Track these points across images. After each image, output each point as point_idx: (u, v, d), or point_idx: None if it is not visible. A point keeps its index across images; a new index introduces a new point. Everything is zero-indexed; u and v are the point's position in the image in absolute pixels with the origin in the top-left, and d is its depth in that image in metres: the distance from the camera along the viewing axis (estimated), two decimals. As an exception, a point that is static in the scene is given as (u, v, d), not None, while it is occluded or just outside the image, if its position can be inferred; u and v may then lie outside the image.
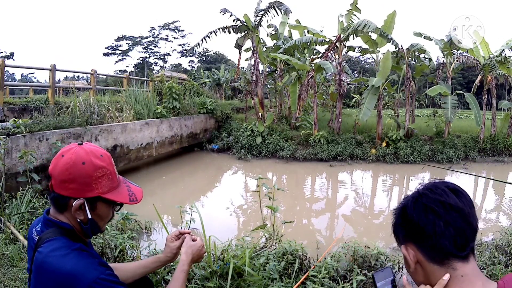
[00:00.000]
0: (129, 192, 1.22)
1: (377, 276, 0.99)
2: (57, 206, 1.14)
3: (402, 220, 0.89)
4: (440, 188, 0.85)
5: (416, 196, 0.87)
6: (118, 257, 2.96)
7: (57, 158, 1.13)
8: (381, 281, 0.98)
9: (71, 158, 1.11)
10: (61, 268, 1.01)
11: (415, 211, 0.85)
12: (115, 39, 53.40)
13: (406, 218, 0.87)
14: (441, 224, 0.81)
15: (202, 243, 1.50)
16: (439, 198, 0.83)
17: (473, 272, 0.83)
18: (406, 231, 0.88)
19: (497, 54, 11.02)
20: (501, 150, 11.30)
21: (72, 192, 1.10)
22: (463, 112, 24.14)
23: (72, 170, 1.09)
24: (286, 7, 11.18)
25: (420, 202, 0.85)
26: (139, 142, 8.58)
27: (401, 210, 0.90)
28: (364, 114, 10.51)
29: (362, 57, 41.16)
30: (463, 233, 0.81)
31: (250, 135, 11.60)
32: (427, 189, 0.86)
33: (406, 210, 0.88)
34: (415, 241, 0.86)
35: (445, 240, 0.81)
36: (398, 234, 0.92)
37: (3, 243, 3.15)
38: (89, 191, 1.11)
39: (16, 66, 14.04)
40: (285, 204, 6.53)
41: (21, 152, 4.52)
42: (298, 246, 2.88)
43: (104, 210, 1.18)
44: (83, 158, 1.11)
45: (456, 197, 0.83)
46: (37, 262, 1.06)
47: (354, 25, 10.56)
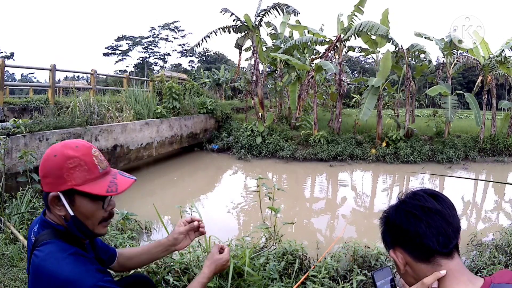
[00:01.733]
0: (111, 183, 1.12)
1: (377, 275, 1.01)
2: (46, 205, 1.11)
3: (387, 226, 0.98)
4: (419, 194, 0.94)
5: (397, 204, 0.96)
6: (118, 257, 2.95)
7: (42, 158, 1.12)
8: (380, 280, 1.01)
9: (46, 153, 1.08)
10: (58, 274, 0.98)
11: (397, 217, 0.93)
12: (115, 39, 53.45)
13: (390, 224, 0.96)
14: (423, 226, 0.88)
15: (228, 258, 1.46)
16: (418, 203, 0.91)
17: (457, 268, 0.89)
18: (392, 236, 0.96)
19: (497, 54, 11.02)
20: (501, 150, 11.30)
21: (49, 187, 1.06)
22: (463, 112, 24.15)
23: (46, 164, 1.07)
24: (293, 8, 11.19)
25: (401, 209, 0.93)
26: (139, 142, 8.58)
27: (385, 218, 0.99)
28: (364, 114, 10.51)
29: (362, 57, 41.14)
30: (445, 232, 0.88)
31: (250, 135, 11.59)
32: (407, 197, 0.95)
33: (389, 217, 0.97)
34: (401, 244, 0.93)
35: (428, 240, 0.88)
36: (386, 240, 1.00)
37: (3, 243, 3.15)
38: (62, 184, 1.05)
39: (16, 66, 14.04)
40: (285, 204, 6.53)
41: (21, 152, 4.52)
42: (298, 246, 2.87)
43: (86, 206, 1.09)
44: (56, 151, 1.07)
45: (435, 201, 0.91)
46: (34, 265, 1.04)
47: (357, 25, 10.54)
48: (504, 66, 10.98)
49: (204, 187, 8.28)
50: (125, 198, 5.92)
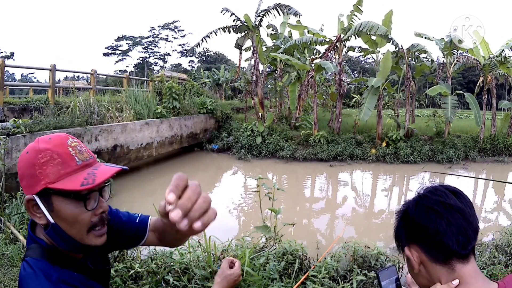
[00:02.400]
0: (88, 175, 0.88)
1: (382, 274, 0.99)
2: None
3: (404, 222, 0.92)
4: (440, 190, 0.88)
5: (417, 198, 0.90)
6: (118, 257, 2.95)
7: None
8: (385, 279, 0.99)
9: (22, 152, 0.90)
10: None
11: (417, 212, 0.87)
12: (115, 39, 53.46)
13: (409, 220, 0.90)
14: (443, 223, 0.83)
15: (239, 273, 1.37)
16: (440, 199, 0.86)
17: (472, 273, 0.85)
18: (409, 233, 0.90)
19: (497, 54, 11.02)
20: (501, 150, 11.30)
21: (26, 191, 0.88)
22: (463, 112, 24.15)
23: (20, 165, 0.89)
24: (295, 10, 11.19)
25: (421, 204, 0.88)
26: (139, 142, 8.58)
27: (403, 212, 0.93)
28: (364, 114, 10.51)
29: (362, 57, 41.14)
30: (465, 232, 0.84)
31: (250, 135, 11.59)
32: (428, 191, 0.89)
33: (408, 212, 0.90)
34: (418, 241, 0.88)
35: (448, 239, 0.83)
36: (400, 237, 0.94)
37: (3, 243, 3.15)
38: (36, 184, 0.86)
39: (16, 66, 14.04)
40: (285, 204, 6.53)
41: (21, 152, 4.52)
42: (298, 246, 2.87)
43: (66, 209, 0.87)
44: (28, 147, 0.89)
45: (456, 198, 0.86)
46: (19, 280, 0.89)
47: (357, 26, 10.54)
48: (504, 66, 10.98)
49: (204, 187, 8.22)
50: (125, 198, 5.92)
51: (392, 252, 3.91)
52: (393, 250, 4.22)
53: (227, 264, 1.37)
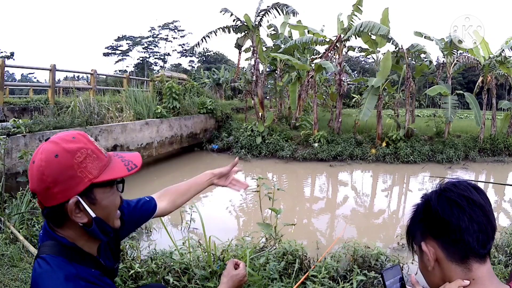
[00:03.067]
0: (124, 161, 0.98)
1: (386, 274, 0.98)
2: (55, 222, 0.94)
3: (424, 214, 0.87)
4: (463, 184, 0.86)
5: (439, 191, 0.87)
6: (118, 257, 2.96)
7: (30, 169, 0.91)
8: (390, 279, 0.98)
9: (41, 158, 0.88)
10: None
11: (440, 205, 0.84)
12: (115, 39, 53.47)
13: (430, 212, 0.86)
14: (465, 219, 0.80)
15: (244, 273, 1.41)
16: (463, 193, 0.83)
17: (487, 275, 0.82)
18: (428, 227, 0.86)
19: (497, 54, 11.02)
20: (501, 150, 11.30)
21: (62, 196, 0.88)
22: (463, 112, 24.14)
23: (48, 171, 0.87)
24: (292, 9, 11.20)
25: (444, 196, 0.84)
26: (139, 142, 8.58)
27: (424, 204, 0.88)
28: (364, 114, 10.51)
29: (362, 57, 41.15)
30: (485, 230, 0.81)
31: (250, 135, 11.60)
32: (450, 185, 0.86)
33: (430, 204, 0.86)
34: (437, 237, 0.84)
35: (469, 236, 0.80)
36: (415, 231, 0.90)
37: (3, 243, 3.15)
38: (79, 184, 0.89)
39: (16, 66, 14.04)
40: (285, 204, 6.53)
41: (21, 152, 4.52)
42: (298, 246, 2.87)
43: (107, 197, 0.95)
44: (54, 151, 0.88)
45: (478, 194, 0.83)
46: (33, 277, 0.91)
47: (357, 26, 10.53)
48: (504, 66, 10.98)
49: (204, 187, 8.27)
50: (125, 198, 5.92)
51: (392, 252, 3.92)
52: (393, 250, 4.22)
53: (232, 265, 1.42)
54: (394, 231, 5.26)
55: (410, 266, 3.29)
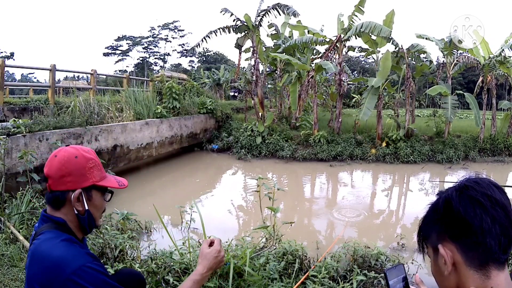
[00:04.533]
0: (116, 179, 1.34)
1: (389, 273, 0.95)
2: (55, 204, 1.22)
3: (443, 214, 0.79)
4: (485, 182, 0.78)
5: (461, 188, 0.79)
6: (118, 257, 2.96)
7: (51, 160, 1.23)
8: (393, 278, 0.95)
9: (64, 155, 1.22)
10: (50, 255, 1.09)
11: (462, 204, 0.76)
12: (115, 39, 53.50)
13: (450, 212, 0.77)
14: (488, 220, 0.74)
15: (218, 248, 1.44)
16: (486, 191, 0.76)
17: (505, 283, 0.76)
18: (447, 227, 0.79)
19: (497, 54, 11.02)
20: (501, 150, 11.30)
21: (70, 185, 1.20)
22: (463, 112, 24.14)
23: (68, 165, 1.20)
24: (293, 10, 11.20)
25: (466, 195, 0.77)
26: (139, 142, 8.57)
27: (444, 203, 0.80)
28: (364, 114, 10.51)
29: (362, 57, 41.14)
30: (507, 233, 0.75)
31: (250, 135, 11.59)
32: (473, 182, 0.79)
33: (451, 203, 0.78)
34: (456, 239, 0.77)
35: (491, 239, 0.73)
36: (430, 231, 0.83)
37: (3, 243, 3.15)
38: (85, 181, 1.23)
39: (16, 66, 14.04)
40: (285, 204, 6.53)
41: (21, 152, 4.52)
42: (298, 246, 2.87)
43: (99, 199, 1.29)
44: (75, 153, 1.23)
45: (500, 193, 0.77)
46: (31, 253, 1.16)
47: (358, 26, 10.53)
48: (504, 66, 10.98)
49: (204, 187, 8.28)
50: (125, 198, 5.92)
51: (392, 252, 3.91)
52: (393, 250, 4.22)
53: (206, 245, 1.47)
54: (394, 231, 5.26)
55: (410, 266, 3.28)
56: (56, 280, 1.06)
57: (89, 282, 1.06)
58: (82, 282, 1.06)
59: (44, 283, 1.07)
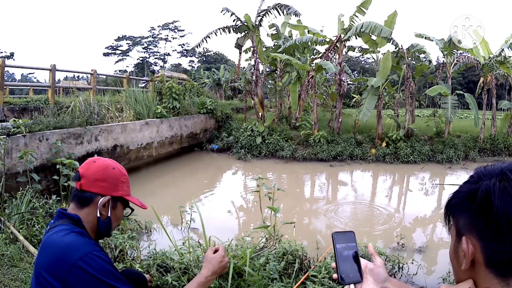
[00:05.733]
0: (137, 199, 1.46)
1: (337, 236, 0.89)
2: (82, 202, 1.30)
3: (479, 207, 0.68)
4: None
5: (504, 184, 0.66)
6: (118, 257, 2.96)
7: (89, 163, 1.35)
8: (341, 243, 0.89)
9: (104, 163, 1.35)
10: (60, 243, 1.15)
11: (503, 202, 0.64)
12: (115, 39, 53.49)
13: (488, 208, 0.66)
14: None
15: (223, 254, 1.53)
16: None
17: None
18: (478, 221, 0.68)
19: (497, 54, 11.02)
20: (501, 150, 11.30)
21: (102, 190, 1.31)
22: (463, 112, 24.14)
23: (105, 172, 1.33)
24: (294, 10, 11.20)
25: (509, 193, 0.65)
26: (139, 142, 8.57)
27: (484, 194, 0.67)
28: (364, 114, 10.51)
29: (362, 57, 41.18)
30: None
31: (250, 135, 11.59)
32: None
33: (491, 198, 0.66)
34: (483, 237, 0.67)
35: None
36: (459, 214, 0.73)
37: (3, 243, 3.15)
38: (115, 191, 1.34)
39: (16, 66, 14.04)
40: (285, 204, 6.53)
41: (21, 152, 4.53)
42: (298, 246, 2.87)
43: (120, 211, 1.40)
44: (112, 165, 1.37)
45: None
46: (43, 242, 1.22)
47: (358, 26, 10.53)
48: (504, 66, 10.98)
49: (204, 187, 8.28)
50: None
51: (392, 252, 3.91)
52: (393, 250, 4.22)
53: (211, 251, 1.55)
54: (394, 231, 5.26)
55: (410, 266, 3.29)
56: (63, 265, 1.09)
57: (94, 269, 1.10)
58: (87, 268, 1.09)
59: (51, 268, 1.11)
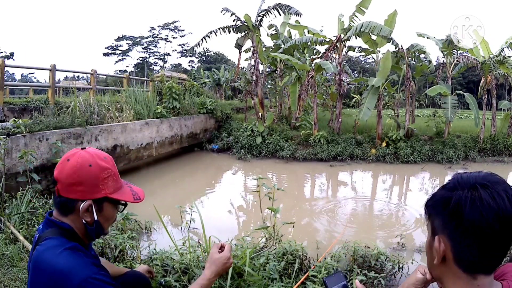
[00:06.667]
0: (132, 192, 1.26)
1: (329, 280, 0.96)
2: (63, 210, 1.15)
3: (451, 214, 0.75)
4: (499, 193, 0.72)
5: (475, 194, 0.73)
6: (118, 257, 2.95)
7: (63, 163, 1.15)
8: (333, 286, 0.96)
9: (77, 161, 1.13)
10: (55, 265, 1.04)
11: (472, 215, 0.72)
12: (115, 39, 53.55)
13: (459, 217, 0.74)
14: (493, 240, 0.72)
15: (228, 255, 1.47)
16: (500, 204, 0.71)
17: (490, 281, 0.77)
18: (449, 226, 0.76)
19: (497, 53, 11.02)
20: (501, 150, 11.30)
21: (81, 195, 1.13)
22: (463, 112, 24.14)
23: (80, 173, 1.12)
24: (295, 10, 11.20)
25: (478, 205, 0.72)
26: (139, 142, 8.57)
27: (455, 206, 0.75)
28: (364, 114, 10.50)
29: (362, 57, 41.14)
30: (507, 249, 0.73)
31: (250, 135, 11.59)
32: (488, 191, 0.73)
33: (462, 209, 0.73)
34: (454, 240, 0.75)
35: (488, 258, 0.74)
36: (434, 214, 0.80)
37: (3, 243, 3.15)
38: (97, 192, 1.15)
39: (16, 66, 14.03)
40: (285, 204, 6.53)
41: (21, 152, 4.52)
42: (298, 246, 2.87)
43: (110, 211, 1.22)
44: (89, 160, 1.14)
45: (510, 202, 0.72)
46: (34, 259, 1.09)
47: (358, 26, 10.53)
48: (504, 66, 10.98)
49: (204, 187, 8.27)
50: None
51: (392, 252, 3.91)
52: (393, 250, 4.22)
53: (216, 249, 1.49)
54: (394, 231, 5.26)
55: (410, 266, 3.29)
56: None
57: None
58: None
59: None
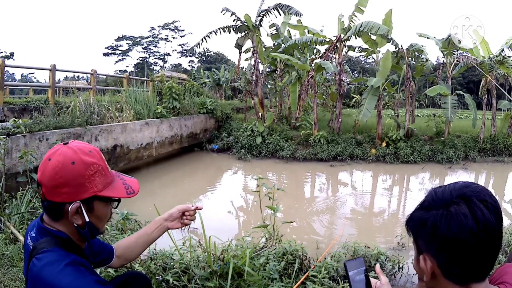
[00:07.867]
0: (125, 185, 1.14)
1: (349, 264, 0.99)
2: (52, 215, 1.06)
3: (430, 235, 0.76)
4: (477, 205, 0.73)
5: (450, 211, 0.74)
6: (118, 257, 2.95)
7: (44, 163, 1.03)
8: (353, 270, 0.99)
9: (59, 160, 1.01)
10: (57, 286, 0.94)
11: (450, 231, 0.73)
12: (115, 39, 53.55)
13: (438, 237, 0.75)
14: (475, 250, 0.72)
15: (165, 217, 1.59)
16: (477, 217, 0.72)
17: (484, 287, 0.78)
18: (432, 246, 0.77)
19: (497, 54, 11.02)
20: (501, 150, 11.30)
21: (67, 197, 1.01)
22: (463, 112, 24.13)
23: (62, 173, 1.00)
24: (295, 10, 11.21)
25: (455, 221, 0.73)
26: (139, 142, 8.57)
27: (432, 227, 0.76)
28: (364, 114, 10.51)
29: (362, 57, 41.15)
30: (494, 257, 0.75)
31: (250, 135, 11.59)
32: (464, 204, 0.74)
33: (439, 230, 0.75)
34: (438, 258, 0.77)
35: (475, 266, 0.74)
36: (416, 234, 0.81)
37: (3, 243, 3.15)
38: (84, 192, 1.03)
39: (16, 66, 14.01)
40: (285, 204, 6.53)
41: (21, 152, 4.52)
42: (298, 246, 2.87)
43: (102, 209, 1.10)
44: (71, 157, 1.01)
45: (489, 212, 0.73)
46: (32, 274, 0.99)
47: (357, 25, 10.54)
48: (504, 66, 10.98)
49: (204, 187, 8.28)
50: (124, 199, 5.92)
51: (392, 252, 3.91)
52: (393, 250, 4.22)
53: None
54: (394, 231, 5.26)
55: (410, 266, 3.29)
56: None
57: None
58: None
59: None
